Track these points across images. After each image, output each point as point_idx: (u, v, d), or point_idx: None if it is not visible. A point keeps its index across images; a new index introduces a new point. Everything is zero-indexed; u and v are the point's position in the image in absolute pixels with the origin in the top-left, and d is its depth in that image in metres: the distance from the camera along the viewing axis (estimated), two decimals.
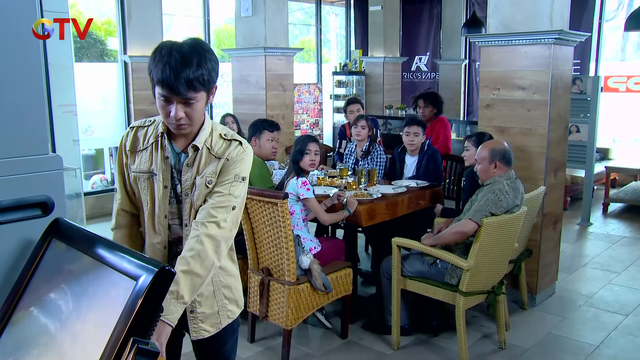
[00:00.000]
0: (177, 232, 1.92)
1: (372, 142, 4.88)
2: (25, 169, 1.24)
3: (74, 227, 1.18)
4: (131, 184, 1.92)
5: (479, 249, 3.24)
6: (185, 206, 1.86)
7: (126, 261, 1.01)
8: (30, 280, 1.12)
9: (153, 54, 1.71)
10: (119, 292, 0.96)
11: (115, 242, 1.11)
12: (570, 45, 4.20)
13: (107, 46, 10.20)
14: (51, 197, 1.27)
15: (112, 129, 7.37)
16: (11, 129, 1.22)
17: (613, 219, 6.99)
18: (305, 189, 3.69)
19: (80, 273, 1.06)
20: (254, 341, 3.74)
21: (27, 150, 1.25)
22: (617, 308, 4.25)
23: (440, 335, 3.80)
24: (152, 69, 1.70)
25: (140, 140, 1.90)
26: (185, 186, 1.85)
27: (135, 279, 0.96)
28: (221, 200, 1.81)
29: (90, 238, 1.12)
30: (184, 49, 1.68)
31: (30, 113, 1.30)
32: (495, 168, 3.45)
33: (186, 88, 1.67)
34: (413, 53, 10.82)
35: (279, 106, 6.27)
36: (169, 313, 1.64)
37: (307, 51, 11.53)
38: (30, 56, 1.29)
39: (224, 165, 1.85)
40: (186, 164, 1.84)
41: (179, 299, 1.67)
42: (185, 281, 1.68)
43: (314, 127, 9.78)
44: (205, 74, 1.69)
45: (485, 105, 4.35)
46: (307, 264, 3.50)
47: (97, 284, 1.03)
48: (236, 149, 1.87)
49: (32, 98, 1.31)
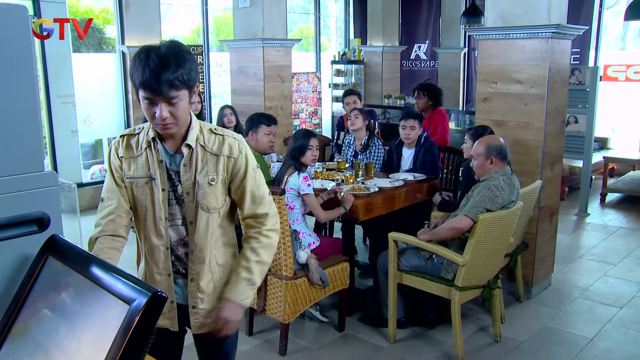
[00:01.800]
0: (179, 232, 1.95)
1: (370, 135, 4.88)
2: (21, 187, 1.26)
3: (69, 246, 1.20)
4: (127, 190, 1.93)
5: (475, 245, 3.27)
6: (188, 205, 1.91)
7: (120, 284, 1.03)
8: (27, 298, 1.14)
9: (133, 59, 1.76)
10: (113, 315, 0.99)
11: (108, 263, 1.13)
12: (568, 39, 4.20)
13: (105, 34, 10.15)
14: (47, 213, 1.29)
15: (111, 120, 7.37)
16: (7, 147, 1.24)
17: (610, 209, 7.02)
18: (306, 185, 3.70)
19: (76, 294, 1.09)
20: (252, 334, 3.78)
21: (23, 168, 1.27)
22: (612, 300, 4.29)
23: (436, 328, 3.85)
24: (133, 74, 1.74)
25: (133, 147, 1.92)
26: (186, 186, 1.89)
27: (128, 302, 0.99)
28: (258, 196, 1.97)
29: (85, 258, 1.14)
30: (162, 50, 1.72)
31: (25, 131, 1.32)
32: (491, 164, 3.46)
33: (168, 87, 1.71)
34: (412, 41, 10.78)
35: (277, 97, 6.26)
36: (245, 297, 1.92)
37: (306, 38, 11.49)
38: (25, 76, 1.30)
39: (234, 165, 1.92)
40: (183, 164, 1.88)
41: (253, 285, 1.93)
42: (257, 270, 1.95)
43: (312, 116, 9.78)
44: (184, 73, 1.74)
45: (483, 98, 4.35)
46: (305, 258, 3.53)
47: (92, 306, 1.05)
48: (235, 145, 1.93)
49: (27, 117, 1.33)
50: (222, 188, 1.94)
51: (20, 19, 1.26)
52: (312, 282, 3.54)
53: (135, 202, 1.94)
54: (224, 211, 1.97)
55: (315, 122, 9.89)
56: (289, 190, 3.69)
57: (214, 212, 1.93)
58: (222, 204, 1.95)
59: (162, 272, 1.96)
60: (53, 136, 6.74)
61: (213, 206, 1.92)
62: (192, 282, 1.97)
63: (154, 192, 1.89)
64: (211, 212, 1.92)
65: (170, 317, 2.00)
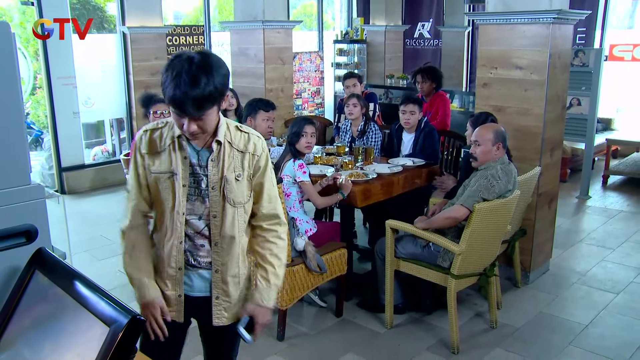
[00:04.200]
0: (196, 226, 2.00)
1: (367, 121, 4.87)
2: (8, 200, 1.28)
3: (55, 260, 1.22)
4: (149, 184, 1.99)
5: (471, 234, 3.28)
6: (214, 200, 1.96)
7: (102, 304, 1.06)
8: (15, 311, 1.17)
9: (165, 70, 1.77)
10: (94, 335, 1.02)
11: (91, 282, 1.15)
12: (570, 24, 4.15)
13: (106, 13, 10.08)
14: (35, 225, 1.31)
15: (112, 101, 7.35)
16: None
17: (612, 192, 7.01)
18: (302, 172, 3.71)
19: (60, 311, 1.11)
20: None
21: (10, 182, 1.29)
22: (609, 286, 4.32)
23: (433, 314, 3.89)
24: (164, 88, 1.77)
25: (157, 142, 1.95)
26: (212, 181, 1.95)
27: (109, 324, 1.02)
28: (273, 195, 2.08)
29: (70, 274, 1.16)
30: (193, 69, 1.73)
31: (11, 146, 1.33)
32: (497, 150, 3.45)
33: (195, 109, 1.75)
34: (416, 19, 10.65)
35: (277, 79, 6.24)
36: (274, 300, 2.05)
37: (309, 15, 11.37)
38: (10, 90, 1.31)
39: (257, 163, 2.01)
40: (211, 160, 1.94)
41: (279, 288, 2.09)
42: (282, 273, 2.10)
43: (315, 96, 9.74)
44: (213, 91, 1.75)
45: (483, 84, 4.33)
46: (302, 245, 3.56)
47: (75, 324, 1.08)
48: (259, 143, 2.02)
49: (13, 132, 1.34)
50: (248, 184, 2.01)
51: (3, 34, 1.27)
52: (310, 269, 3.57)
53: (157, 195, 1.98)
54: (249, 206, 2.04)
55: (317, 102, 9.85)
56: (285, 177, 3.71)
57: (240, 206, 2.00)
58: (247, 199, 2.02)
59: (172, 265, 2.01)
60: (55, 118, 6.76)
61: (239, 201, 1.99)
62: (216, 273, 2.03)
63: (175, 187, 1.94)
64: (237, 206, 1.99)
65: (177, 309, 2.06)
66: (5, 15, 9.61)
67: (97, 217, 5.98)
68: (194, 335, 2.25)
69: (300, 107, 9.48)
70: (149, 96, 4.92)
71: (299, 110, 9.28)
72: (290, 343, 3.57)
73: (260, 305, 2.02)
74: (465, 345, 3.51)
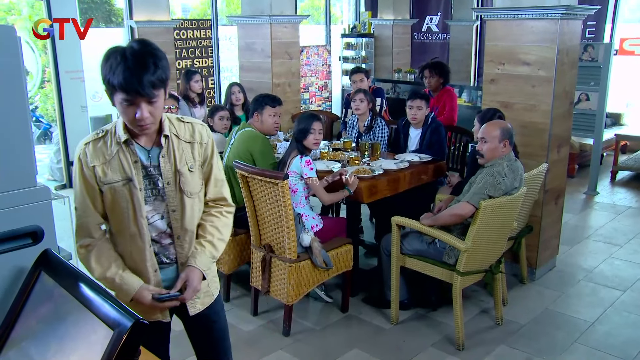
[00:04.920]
0: (158, 227, 2.00)
1: (374, 117, 4.86)
2: (15, 202, 1.30)
3: (61, 262, 1.24)
4: (103, 197, 1.92)
5: (477, 231, 3.28)
6: (170, 195, 1.96)
7: (106, 307, 1.07)
8: (22, 311, 1.19)
9: (105, 61, 1.75)
10: (98, 338, 1.04)
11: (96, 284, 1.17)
12: (579, 19, 4.12)
13: (114, 6, 10.10)
14: (41, 226, 1.33)
15: None
16: (0, 165, 1.27)
17: (621, 188, 6.97)
18: (309, 168, 3.71)
19: (65, 313, 1.13)
20: (257, 314, 3.86)
21: (16, 184, 1.31)
22: (616, 283, 4.31)
23: (438, 310, 3.89)
24: (109, 77, 1.74)
25: (103, 152, 1.90)
26: (167, 177, 1.95)
27: (112, 328, 1.03)
28: (219, 179, 2.12)
29: (75, 276, 1.18)
30: (136, 51, 1.73)
31: (17, 148, 1.34)
32: (504, 147, 3.44)
33: (150, 88, 1.74)
34: (424, 13, 10.59)
35: (284, 74, 6.23)
36: (207, 268, 2.05)
37: (317, 9, 11.35)
38: (16, 93, 1.32)
39: (205, 150, 2.05)
40: (161, 156, 1.94)
41: (214, 259, 2.09)
42: (220, 247, 2.09)
43: (322, 90, 9.74)
44: (162, 72, 1.77)
45: (490, 79, 4.31)
46: (308, 241, 3.57)
47: (79, 327, 1.10)
48: (204, 131, 2.06)
49: (19, 134, 1.35)
50: (199, 173, 2.05)
51: (9, 39, 1.28)
52: (316, 265, 3.58)
53: (114, 206, 1.92)
54: (202, 194, 2.09)
55: (325, 96, 9.85)
56: (292, 173, 3.71)
57: (195, 196, 2.03)
58: (200, 187, 2.06)
59: (149, 269, 1.98)
60: (63, 112, 6.80)
61: (194, 191, 2.02)
62: (182, 265, 2.04)
63: (133, 193, 1.90)
64: (193, 197, 2.02)
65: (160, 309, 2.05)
66: (14, 9, 9.66)
67: None
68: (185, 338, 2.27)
69: (308, 101, 9.48)
70: None
71: (306, 104, 9.29)
72: (295, 338, 3.59)
73: (193, 266, 1.99)
74: (471, 342, 3.52)
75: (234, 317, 3.81)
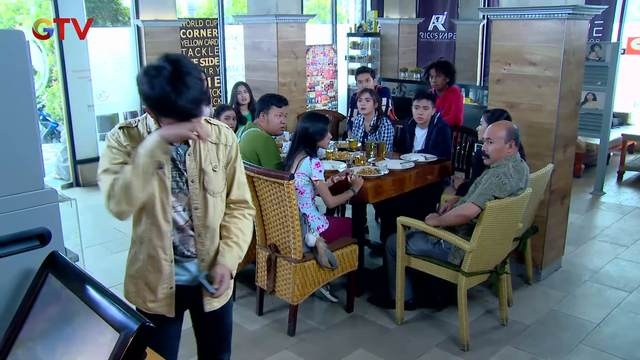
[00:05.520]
0: (182, 218, 2.05)
1: (379, 116, 4.86)
2: (22, 205, 1.32)
3: (68, 264, 1.26)
4: None
5: (482, 232, 3.28)
6: (194, 192, 2.02)
7: (112, 310, 1.09)
8: (29, 312, 1.21)
9: (148, 80, 1.74)
10: (105, 341, 1.05)
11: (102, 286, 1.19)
12: (586, 19, 4.11)
13: (121, 5, 10.13)
14: (48, 228, 1.35)
15: (126, 94, 7.41)
16: (8, 168, 1.29)
17: (627, 188, 6.94)
18: (318, 171, 3.70)
19: (72, 315, 1.15)
20: (262, 314, 3.87)
21: (24, 186, 1.33)
22: (622, 284, 4.29)
23: (443, 310, 3.89)
24: (168, 102, 1.74)
25: (135, 138, 1.94)
26: (191, 174, 2.01)
27: (119, 331, 1.05)
28: (242, 182, 2.20)
29: (82, 279, 1.20)
30: (181, 76, 1.74)
31: (25, 152, 1.36)
32: (510, 148, 3.44)
33: (199, 109, 1.82)
34: (430, 12, 10.57)
35: (290, 73, 6.24)
36: (234, 267, 2.12)
37: (323, 8, 11.34)
38: (24, 97, 1.34)
39: (229, 152, 2.12)
40: (188, 154, 2.00)
41: (240, 259, 2.16)
42: (245, 248, 2.17)
43: (328, 89, 9.74)
44: (202, 85, 1.81)
45: (496, 80, 4.30)
46: (313, 241, 3.58)
47: (86, 329, 1.12)
48: (229, 134, 2.13)
49: (27, 137, 1.37)
50: (223, 173, 2.11)
51: (18, 43, 1.30)
52: (321, 265, 3.59)
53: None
54: (224, 194, 2.15)
55: (331, 95, 9.85)
56: (300, 175, 3.70)
57: (218, 195, 2.10)
58: (223, 187, 2.13)
59: (167, 259, 2.04)
60: (70, 111, 6.83)
61: (217, 191, 2.09)
62: (202, 262, 2.10)
63: (163, 180, 1.96)
64: (216, 196, 2.08)
65: (167, 303, 2.09)
66: (22, 8, 9.71)
67: None
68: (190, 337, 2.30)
69: (314, 100, 9.48)
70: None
71: (312, 103, 9.29)
72: (300, 338, 3.60)
73: (223, 264, 2.07)
74: (475, 342, 3.52)
75: (240, 316, 3.83)
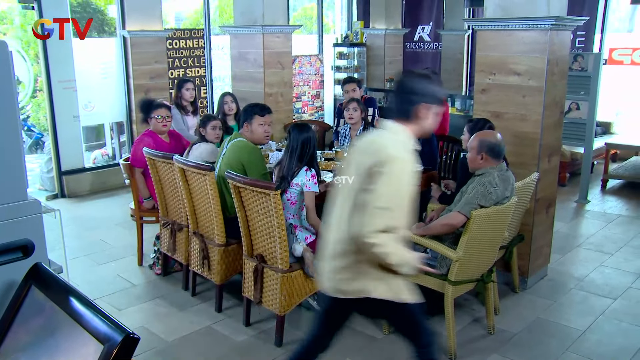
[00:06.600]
0: None
1: (366, 126, 4.89)
2: (5, 216, 1.31)
3: (51, 276, 1.24)
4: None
5: (468, 241, 3.29)
6: None
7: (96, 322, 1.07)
8: (11, 325, 1.19)
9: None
10: (88, 352, 1.04)
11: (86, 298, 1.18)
12: (568, 30, 4.17)
13: (107, 15, 10.10)
14: (32, 240, 1.34)
15: (112, 104, 7.37)
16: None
17: (611, 196, 7.02)
18: (313, 182, 3.68)
19: (55, 327, 1.14)
20: (249, 324, 3.84)
21: (7, 198, 1.32)
22: (607, 291, 4.33)
23: (430, 319, 3.88)
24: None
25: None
26: None
27: (103, 342, 1.03)
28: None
29: (65, 291, 1.18)
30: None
31: (8, 163, 1.35)
32: (481, 160, 3.45)
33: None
34: (416, 22, 10.66)
35: (277, 84, 6.25)
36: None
37: (309, 18, 11.39)
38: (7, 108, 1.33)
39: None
40: None
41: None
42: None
43: (315, 99, 9.76)
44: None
45: (481, 89, 4.34)
46: (300, 251, 3.58)
47: (69, 341, 1.10)
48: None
49: (9, 148, 1.36)
50: None
51: (1, 54, 1.29)
52: (308, 275, 3.58)
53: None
54: None
55: (317, 105, 9.87)
56: (294, 185, 3.69)
57: None
58: None
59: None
60: (55, 121, 6.77)
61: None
62: None
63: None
64: None
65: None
66: (6, 18, 9.65)
67: (97, 220, 6.00)
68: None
69: (300, 110, 9.50)
70: (148, 101, 4.94)
71: (298, 113, 9.30)
72: (287, 349, 3.57)
73: None
74: (463, 351, 3.52)
75: (226, 327, 3.80)
